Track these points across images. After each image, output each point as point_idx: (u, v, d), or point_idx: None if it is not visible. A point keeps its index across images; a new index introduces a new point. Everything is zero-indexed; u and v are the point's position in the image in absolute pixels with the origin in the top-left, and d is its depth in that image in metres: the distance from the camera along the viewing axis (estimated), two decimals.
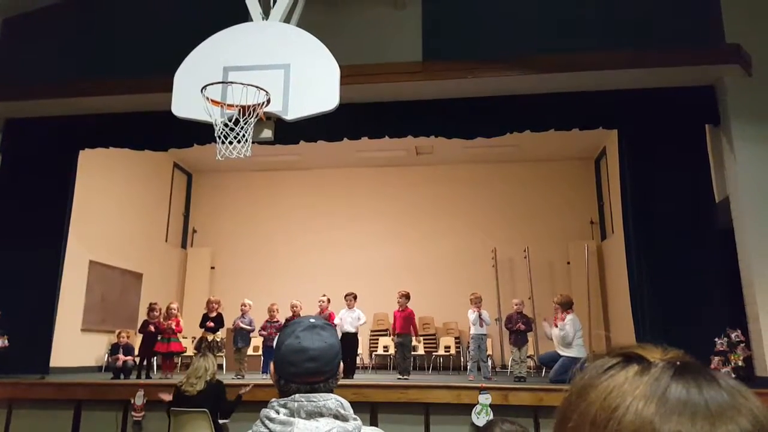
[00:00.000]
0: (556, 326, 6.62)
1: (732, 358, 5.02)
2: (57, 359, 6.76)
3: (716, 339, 5.15)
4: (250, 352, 7.50)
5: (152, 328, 6.79)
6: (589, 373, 0.48)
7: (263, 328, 7.16)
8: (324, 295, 7.12)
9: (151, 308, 6.99)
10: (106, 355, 8.16)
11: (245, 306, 7.25)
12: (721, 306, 5.39)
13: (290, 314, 7.00)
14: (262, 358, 7.17)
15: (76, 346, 7.88)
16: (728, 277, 5.48)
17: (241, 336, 7.06)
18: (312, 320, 1.29)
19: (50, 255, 6.72)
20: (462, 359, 8.98)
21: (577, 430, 0.45)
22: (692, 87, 5.93)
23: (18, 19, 6.86)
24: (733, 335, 5.13)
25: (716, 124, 5.92)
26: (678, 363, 0.46)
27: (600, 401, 0.45)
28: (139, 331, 6.98)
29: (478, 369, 6.65)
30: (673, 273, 5.61)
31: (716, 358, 5.01)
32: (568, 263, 9.86)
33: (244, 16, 4.74)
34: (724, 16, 5.72)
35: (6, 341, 6.10)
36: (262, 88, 4.01)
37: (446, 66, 5.91)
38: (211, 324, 6.94)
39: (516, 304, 6.94)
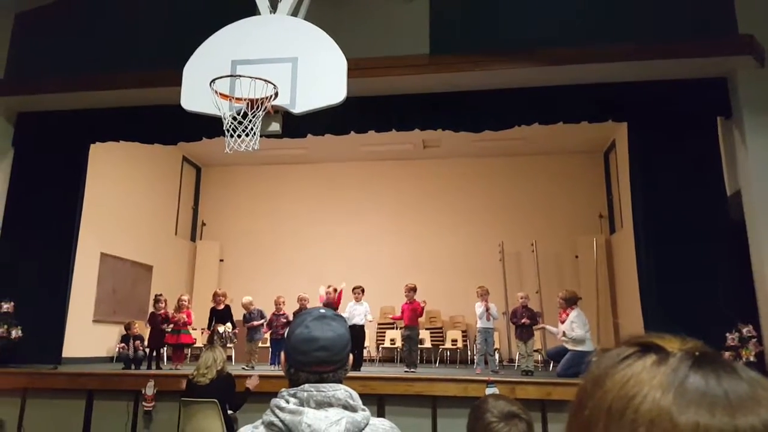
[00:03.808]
0: (562, 322, 6.60)
1: (743, 353, 4.99)
2: (69, 350, 6.84)
3: (727, 334, 5.11)
4: (260, 344, 7.55)
5: (160, 319, 6.86)
6: (606, 361, 0.48)
7: (270, 321, 7.20)
8: (329, 286, 7.12)
9: (157, 300, 7.06)
10: (117, 346, 8.24)
11: (249, 305, 7.26)
12: (733, 300, 5.35)
13: (298, 307, 7.02)
14: (270, 349, 7.21)
15: (87, 336, 7.98)
16: (740, 271, 5.43)
17: (254, 330, 7.13)
18: (322, 311, 1.30)
19: (62, 247, 6.78)
20: (469, 353, 8.99)
21: (592, 418, 0.45)
22: (704, 79, 5.85)
23: (30, 13, 6.89)
24: (744, 330, 5.09)
25: (728, 117, 5.84)
26: (697, 353, 0.46)
27: (616, 390, 0.45)
28: (148, 323, 7.04)
29: (486, 362, 6.65)
30: (684, 267, 5.57)
31: (727, 354, 4.98)
32: (576, 257, 9.82)
33: (252, 10, 4.74)
34: (736, 7, 5.63)
35: (19, 332, 6.19)
36: (270, 82, 4.02)
37: (453, 59, 5.87)
38: (220, 316, 7.00)
39: (521, 298, 6.92)
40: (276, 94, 4.08)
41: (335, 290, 7.04)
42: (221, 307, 7.07)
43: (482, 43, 5.85)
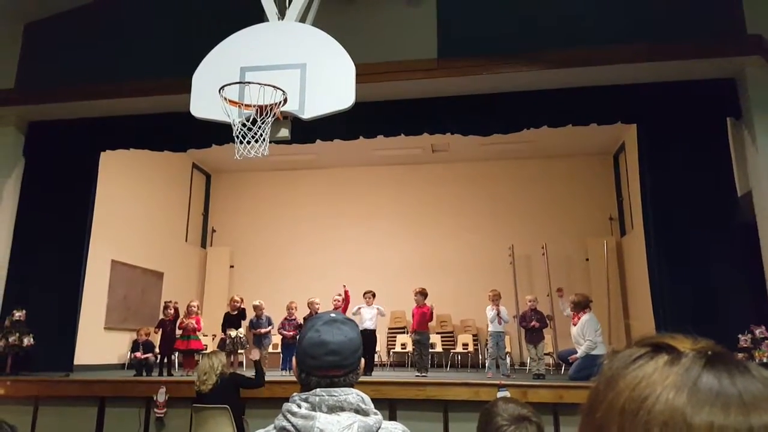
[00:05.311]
0: (574, 325, 6.55)
1: (757, 354, 4.93)
2: (81, 357, 6.89)
3: (740, 335, 5.05)
4: (270, 349, 7.56)
5: (169, 326, 6.90)
6: (618, 363, 0.48)
7: (282, 326, 7.20)
8: (339, 294, 7.11)
9: (166, 306, 7.11)
10: (129, 353, 8.29)
11: (260, 310, 7.25)
12: (745, 302, 5.29)
13: (308, 312, 7.02)
14: (282, 355, 7.22)
15: (99, 344, 8.03)
16: (752, 272, 5.37)
17: (262, 336, 7.14)
18: (333, 315, 1.30)
19: (73, 255, 6.85)
20: (480, 357, 8.94)
21: (605, 420, 0.45)
22: (713, 79, 5.82)
23: (40, 23, 6.99)
24: (757, 332, 5.03)
25: (738, 117, 5.80)
26: (709, 353, 0.46)
27: (629, 391, 0.44)
28: (157, 328, 7.08)
29: (497, 366, 6.62)
30: (695, 269, 5.52)
31: (740, 355, 4.91)
32: (587, 260, 9.76)
33: (260, 17, 4.78)
34: (744, 7, 5.60)
35: (31, 339, 6.24)
36: (278, 88, 4.04)
37: (461, 63, 5.88)
38: (233, 321, 7.03)
39: (530, 301, 6.87)
40: (285, 100, 4.10)
41: (341, 296, 7.02)
42: (235, 312, 7.10)
43: (490, 46, 5.85)
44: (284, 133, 4.36)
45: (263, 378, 4.81)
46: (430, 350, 7.45)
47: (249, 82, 4.09)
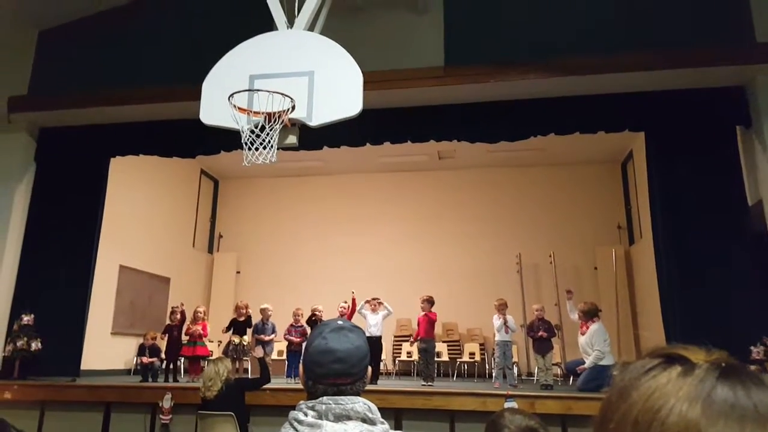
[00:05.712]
0: (583, 334, 6.49)
1: None
2: (88, 362, 6.91)
3: (752, 347, 4.99)
4: (274, 356, 7.54)
5: (175, 331, 6.91)
6: (630, 374, 0.47)
7: (288, 332, 7.19)
8: (345, 302, 7.11)
9: (173, 311, 7.12)
10: (135, 358, 8.31)
11: (266, 314, 7.23)
12: (757, 313, 5.22)
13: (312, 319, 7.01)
14: (286, 362, 7.20)
15: (106, 349, 8.05)
16: (763, 283, 5.31)
17: (264, 343, 7.11)
18: (340, 322, 1.30)
19: (82, 260, 6.89)
20: (487, 366, 8.89)
21: (618, 431, 0.44)
22: (722, 88, 5.79)
23: (52, 31, 7.08)
24: None
25: (748, 126, 5.76)
26: (723, 365, 0.45)
27: (642, 402, 0.44)
28: (163, 333, 7.10)
29: (504, 376, 6.57)
30: (705, 279, 5.46)
31: (753, 368, 4.84)
32: (596, 268, 9.69)
33: (269, 25, 4.82)
34: (753, 15, 5.58)
35: (39, 344, 6.27)
36: (287, 95, 4.06)
37: (468, 70, 5.89)
38: (240, 327, 7.02)
39: (537, 310, 6.82)
40: (293, 108, 4.12)
41: (347, 303, 7.01)
42: (242, 318, 7.10)
43: (497, 54, 5.86)
44: (292, 139, 4.37)
45: (268, 374, 4.82)
46: (436, 359, 7.41)
47: (258, 90, 4.11)
